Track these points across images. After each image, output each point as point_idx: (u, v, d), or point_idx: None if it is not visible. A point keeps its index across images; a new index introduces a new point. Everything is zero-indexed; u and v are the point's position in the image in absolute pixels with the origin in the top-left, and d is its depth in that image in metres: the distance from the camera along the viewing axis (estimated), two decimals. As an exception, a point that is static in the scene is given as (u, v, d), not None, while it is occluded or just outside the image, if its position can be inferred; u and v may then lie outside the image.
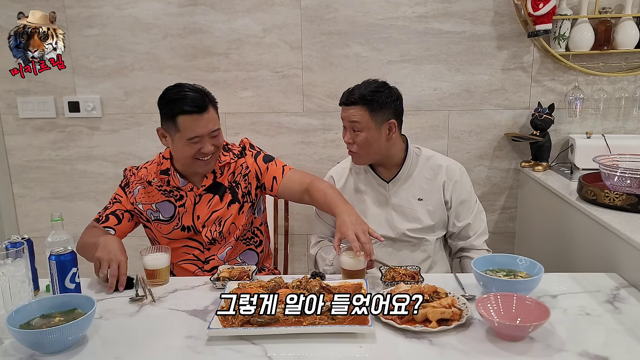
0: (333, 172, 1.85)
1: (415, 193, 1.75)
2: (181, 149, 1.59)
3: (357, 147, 1.68)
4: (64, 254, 1.30)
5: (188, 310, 1.33)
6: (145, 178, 1.71)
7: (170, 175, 1.69)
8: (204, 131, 1.56)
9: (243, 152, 1.76)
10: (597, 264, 1.64)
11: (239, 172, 1.73)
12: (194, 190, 1.69)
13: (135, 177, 1.73)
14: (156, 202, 1.70)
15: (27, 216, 2.68)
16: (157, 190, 1.70)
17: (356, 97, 1.65)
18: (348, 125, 1.68)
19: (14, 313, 1.15)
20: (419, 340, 1.16)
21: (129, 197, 1.73)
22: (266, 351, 1.12)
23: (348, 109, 1.67)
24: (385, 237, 1.72)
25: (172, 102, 1.56)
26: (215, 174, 1.71)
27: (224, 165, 1.71)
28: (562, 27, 2.29)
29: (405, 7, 2.37)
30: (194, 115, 1.54)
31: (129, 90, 2.51)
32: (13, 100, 2.53)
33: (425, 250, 1.75)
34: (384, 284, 1.41)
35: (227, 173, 1.72)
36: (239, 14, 2.41)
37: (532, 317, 1.15)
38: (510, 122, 2.48)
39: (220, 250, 1.73)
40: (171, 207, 1.70)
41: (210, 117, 1.58)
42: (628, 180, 1.69)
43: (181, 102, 1.54)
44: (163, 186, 1.70)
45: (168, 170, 1.69)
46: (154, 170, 1.72)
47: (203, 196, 1.70)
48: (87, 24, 2.44)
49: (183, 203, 1.70)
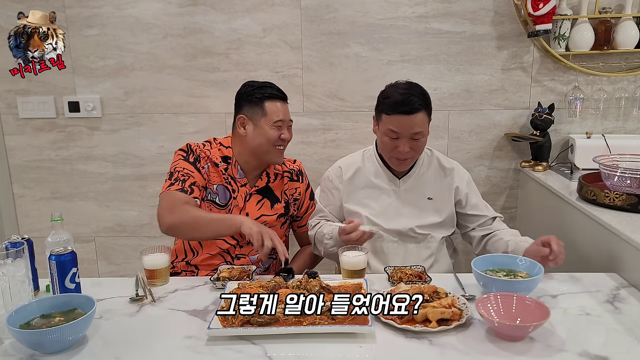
0: (342, 163, 1.84)
1: (424, 191, 1.76)
2: (265, 133, 1.68)
3: (413, 153, 1.66)
4: (64, 254, 1.29)
5: (188, 310, 1.33)
6: (211, 159, 1.73)
7: (231, 165, 1.74)
8: (286, 117, 1.72)
9: (299, 177, 1.86)
10: (597, 264, 1.64)
11: (292, 194, 1.84)
12: (247, 186, 1.75)
13: (204, 154, 1.73)
14: (218, 183, 1.73)
15: (27, 216, 2.68)
16: (222, 172, 1.73)
17: (420, 103, 1.60)
18: (408, 134, 1.61)
19: (14, 313, 1.15)
20: (419, 340, 1.16)
21: (202, 172, 1.71)
22: (266, 351, 1.12)
23: (410, 117, 1.59)
24: (392, 231, 1.75)
25: (260, 89, 1.71)
26: (269, 178, 1.78)
27: (277, 174, 1.80)
28: (562, 27, 2.29)
29: (405, 7, 2.37)
30: (280, 101, 1.72)
31: (129, 90, 2.51)
32: (13, 100, 2.53)
33: (429, 247, 1.76)
34: (392, 284, 1.41)
35: (279, 183, 1.80)
36: (239, 14, 2.41)
37: (532, 317, 1.15)
38: (510, 122, 2.48)
39: (252, 252, 1.75)
40: (228, 194, 1.74)
41: (287, 107, 1.75)
42: (628, 180, 1.69)
43: (269, 89, 1.72)
44: (225, 172, 1.74)
45: (229, 158, 1.74)
46: (217, 153, 1.74)
47: (253, 195, 1.76)
48: (87, 24, 2.44)
49: (235, 196, 1.74)
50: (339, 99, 2.48)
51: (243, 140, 1.73)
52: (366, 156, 1.82)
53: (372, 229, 1.58)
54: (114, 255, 2.69)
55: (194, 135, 2.53)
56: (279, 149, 1.73)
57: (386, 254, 1.75)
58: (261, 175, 1.78)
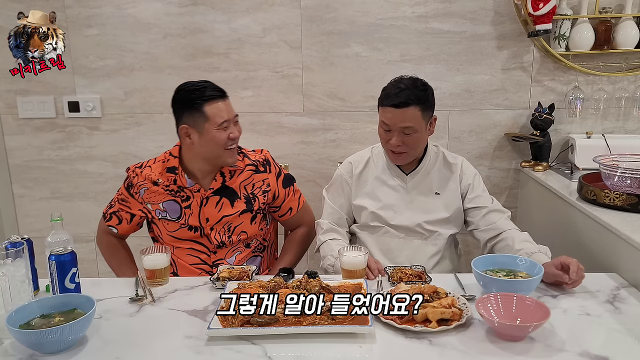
0: (352, 159, 1.84)
1: (432, 187, 1.76)
2: (212, 138, 1.59)
3: (406, 147, 1.65)
4: (63, 254, 1.29)
5: (188, 310, 1.33)
6: (150, 178, 1.69)
7: (178, 175, 1.67)
8: (230, 115, 1.62)
9: (266, 167, 1.76)
10: (597, 264, 1.64)
11: (259, 187, 1.74)
12: (201, 191, 1.68)
13: (138, 177, 1.71)
14: (162, 201, 1.69)
15: (27, 216, 2.68)
16: (163, 189, 1.69)
17: (410, 98, 1.59)
18: (398, 128, 1.62)
19: (14, 313, 1.15)
20: (419, 340, 1.15)
21: (136, 197, 1.72)
22: (266, 351, 1.12)
23: (399, 111, 1.59)
24: (399, 227, 1.75)
25: (193, 94, 1.59)
26: (225, 177, 1.70)
27: (235, 170, 1.71)
28: (562, 27, 2.28)
29: (405, 7, 2.37)
30: (219, 100, 1.60)
31: (128, 90, 2.50)
32: (13, 100, 2.53)
33: (436, 244, 1.75)
34: (392, 285, 1.41)
35: (238, 178, 1.71)
36: (239, 13, 2.41)
37: (532, 317, 1.15)
38: (510, 122, 2.48)
39: (228, 255, 1.73)
40: (177, 207, 1.69)
41: (229, 103, 1.64)
42: (628, 180, 1.69)
43: (203, 91, 1.60)
44: (170, 185, 1.68)
45: (175, 169, 1.68)
46: (159, 169, 1.70)
47: (210, 198, 1.69)
48: (87, 24, 2.43)
49: (189, 204, 1.68)
50: (339, 98, 2.48)
51: (191, 149, 1.65)
52: (375, 152, 1.83)
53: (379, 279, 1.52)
54: (114, 255, 2.69)
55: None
56: (231, 149, 1.64)
57: (392, 250, 1.75)
58: (215, 176, 1.69)
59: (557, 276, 1.37)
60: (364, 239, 1.79)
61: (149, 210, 1.72)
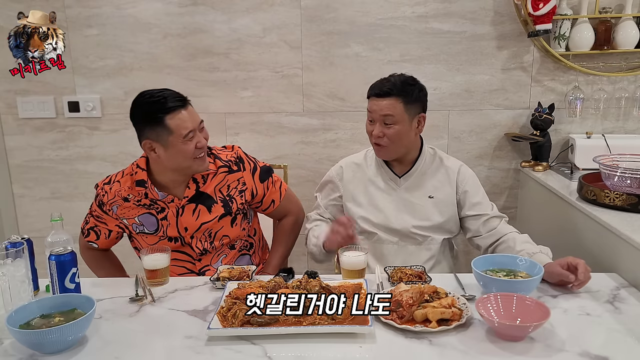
0: (343, 163, 1.84)
1: (426, 191, 1.74)
2: (179, 151, 1.51)
3: (387, 140, 1.65)
4: (63, 254, 1.29)
5: (188, 310, 1.32)
6: (119, 194, 1.61)
7: (148, 188, 1.59)
8: (195, 124, 1.52)
9: (239, 165, 1.68)
10: (597, 264, 1.63)
11: (235, 187, 1.66)
12: (175, 201, 1.60)
13: (108, 195, 1.62)
14: (137, 215, 1.62)
15: (27, 216, 2.68)
16: (135, 205, 1.61)
17: (392, 88, 1.62)
18: (379, 118, 1.63)
19: (14, 313, 1.15)
20: (419, 340, 1.15)
21: (110, 214, 1.65)
22: (266, 351, 1.12)
23: (381, 100, 1.62)
24: (392, 231, 1.73)
25: (153, 107, 1.49)
26: (198, 183, 1.62)
27: (207, 174, 1.63)
28: (562, 27, 2.28)
29: (405, 7, 2.37)
30: (180, 111, 1.50)
31: (128, 90, 2.50)
32: (13, 100, 2.53)
33: (430, 249, 1.74)
34: (392, 285, 1.41)
35: (212, 182, 1.63)
36: (239, 14, 2.41)
37: (532, 317, 1.15)
38: (510, 122, 2.48)
39: (214, 260, 1.69)
40: (154, 219, 1.62)
41: (192, 110, 1.55)
42: (628, 180, 1.69)
43: (163, 103, 1.49)
44: (141, 200, 1.60)
45: (144, 182, 1.59)
46: (127, 183, 1.61)
47: (186, 207, 1.61)
48: (87, 24, 2.44)
49: (165, 215, 1.61)
50: (339, 98, 2.48)
51: (158, 162, 1.56)
52: (368, 155, 1.82)
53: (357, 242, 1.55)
54: (113, 255, 2.69)
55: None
56: (200, 157, 1.56)
57: (386, 257, 1.74)
58: (188, 184, 1.61)
59: (563, 276, 1.35)
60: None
61: (125, 225, 1.66)
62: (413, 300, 1.21)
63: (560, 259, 1.41)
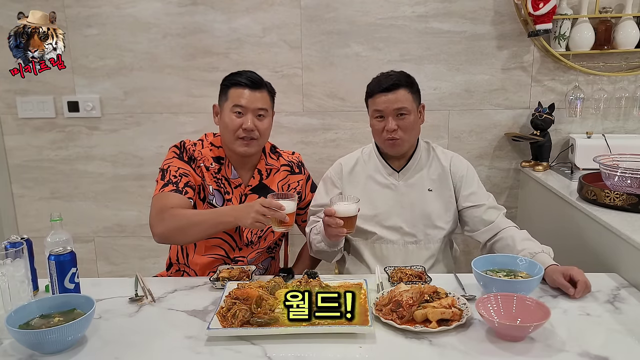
0: (342, 160, 1.84)
1: (425, 184, 1.75)
2: (226, 121, 1.63)
3: (401, 132, 1.66)
4: (63, 254, 1.29)
5: (188, 311, 1.32)
6: (203, 161, 1.68)
7: (224, 165, 1.69)
8: (249, 104, 1.62)
9: (301, 168, 1.82)
10: (597, 264, 1.64)
11: (294, 187, 1.79)
12: (241, 187, 1.70)
13: (200, 153, 1.68)
14: (210, 185, 1.69)
15: (27, 216, 2.68)
16: (212, 176, 1.68)
17: (398, 80, 1.65)
18: (391, 112, 1.64)
19: (13, 313, 1.15)
20: (419, 340, 1.15)
21: (197, 172, 1.67)
22: (266, 351, 1.12)
23: (390, 95, 1.64)
24: (392, 227, 1.73)
25: (231, 76, 1.67)
26: (262, 175, 1.73)
27: (271, 169, 1.75)
28: (563, 26, 2.28)
29: (405, 6, 2.37)
30: (245, 88, 1.63)
31: (128, 90, 2.50)
32: (12, 100, 2.53)
33: (429, 247, 1.74)
34: (392, 285, 1.40)
35: (275, 178, 1.73)
36: (238, 13, 2.40)
37: (532, 317, 1.15)
38: (510, 121, 2.48)
39: (251, 254, 1.73)
40: (221, 198, 1.69)
41: (260, 96, 1.64)
42: (628, 180, 1.69)
43: (238, 76, 1.66)
44: (217, 174, 1.69)
45: (221, 159, 1.70)
46: (208, 155, 1.69)
47: (249, 196, 1.70)
48: (87, 24, 2.43)
49: (230, 198, 1.69)
50: (339, 98, 2.48)
51: (219, 131, 1.70)
52: (365, 152, 1.83)
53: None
54: (113, 255, 2.68)
55: (194, 135, 2.51)
56: (242, 138, 1.61)
57: (386, 257, 1.74)
58: (253, 173, 1.72)
59: (563, 287, 1.36)
60: (357, 246, 1.79)
61: (204, 187, 1.67)
62: (413, 301, 1.21)
63: (564, 267, 1.39)
